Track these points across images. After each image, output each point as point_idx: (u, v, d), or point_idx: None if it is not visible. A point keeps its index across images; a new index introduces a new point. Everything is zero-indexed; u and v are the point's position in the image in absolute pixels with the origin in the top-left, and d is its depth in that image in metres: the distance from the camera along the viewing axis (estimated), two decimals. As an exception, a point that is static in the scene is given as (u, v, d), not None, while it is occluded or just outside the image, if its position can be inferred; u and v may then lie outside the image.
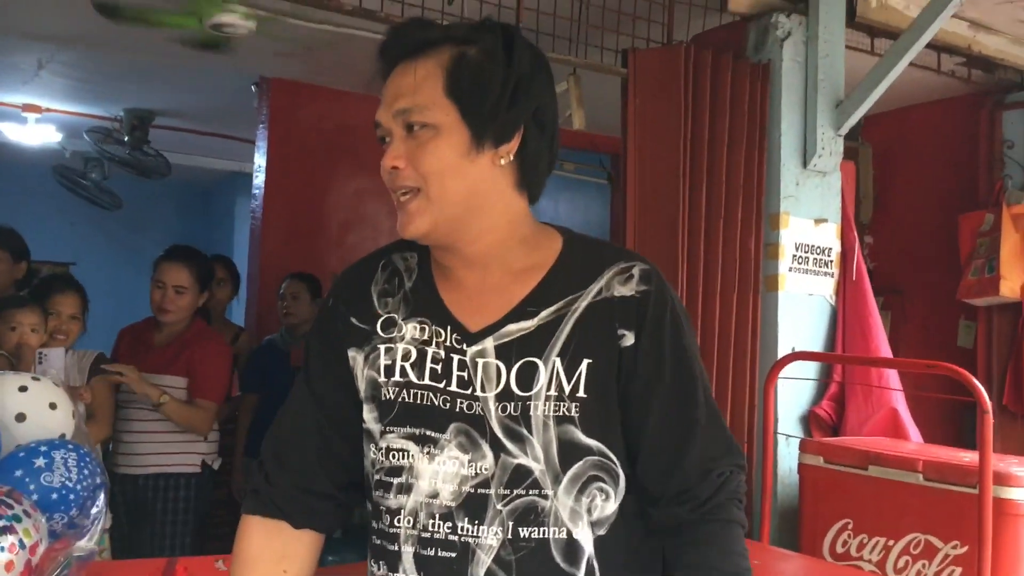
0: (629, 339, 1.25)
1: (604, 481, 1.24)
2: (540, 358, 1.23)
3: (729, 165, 3.56)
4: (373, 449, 1.28)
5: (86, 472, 2.04)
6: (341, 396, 1.32)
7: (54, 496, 1.98)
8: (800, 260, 3.69)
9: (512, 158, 1.26)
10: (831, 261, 3.78)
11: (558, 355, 1.23)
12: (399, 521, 1.23)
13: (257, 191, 5.39)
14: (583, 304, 1.26)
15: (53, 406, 2.12)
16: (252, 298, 5.32)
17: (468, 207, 1.24)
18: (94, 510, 2.05)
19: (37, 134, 6.53)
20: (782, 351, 3.58)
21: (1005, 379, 4.59)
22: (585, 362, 1.23)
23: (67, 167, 6.98)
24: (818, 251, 3.73)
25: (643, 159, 3.52)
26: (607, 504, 1.24)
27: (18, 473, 1.96)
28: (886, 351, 3.72)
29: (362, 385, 1.30)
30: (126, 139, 6.25)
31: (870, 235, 5.16)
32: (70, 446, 2.06)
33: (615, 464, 1.25)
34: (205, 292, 3.53)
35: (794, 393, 3.65)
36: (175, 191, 9.07)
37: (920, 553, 3.01)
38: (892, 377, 3.66)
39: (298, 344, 4.28)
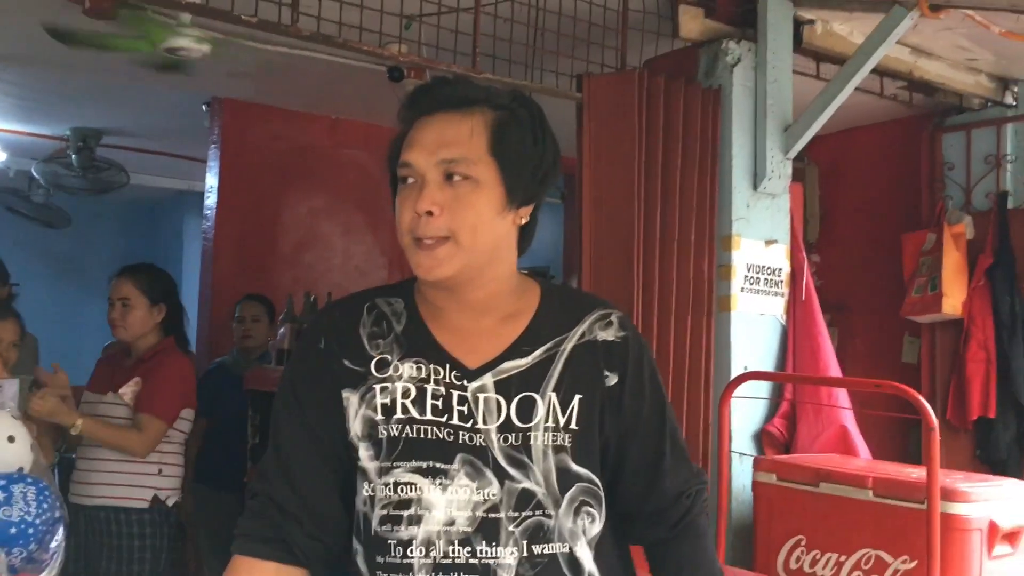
0: (612, 379, 1.39)
1: (591, 505, 1.36)
2: (537, 392, 1.35)
3: (682, 188, 3.62)
4: (368, 487, 1.32)
5: (45, 506, 2.02)
6: (335, 435, 1.36)
7: (12, 531, 1.97)
8: (752, 280, 3.76)
9: (524, 221, 1.37)
10: (781, 281, 3.86)
11: (553, 390, 1.35)
12: (411, 552, 1.29)
13: (209, 211, 5.35)
14: (570, 345, 1.39)
15: (11, 439, 2.09)
16: (204, 320, 5.26)
17: (489, 258, 1.34)
18: (53, 544, 2.03)
19: (-20, 153, 6.42)
20: (735, 370, 3.64)
21: (948, 394, 4.72)
22: (577, 397, 1.36)
23: (9, 189, 6.86)
24: (769, 271, 3.81)
25: (598, 181, 3.57)
26: (593, 526, 1.36)
27: (-25, 508, 1.94)
28: (835, 369, 3.80)
29: (356, 425, 1.34)
30: (73, 159, 6.15)
31: (816, 254, 5.27)
32: (29, 480, 2.04)
33: (599, 489, 1.37)
34: (160, 305, 3.33)
35: (747, 411, 3.71)
36: (121, 210, 8.94)
37: (871, 568, 3.07)
38: (841, 395, 3.75)
39: (251, 367, 4.24)
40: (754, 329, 3.77)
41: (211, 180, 5.34)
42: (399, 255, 6.06)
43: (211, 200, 5.33)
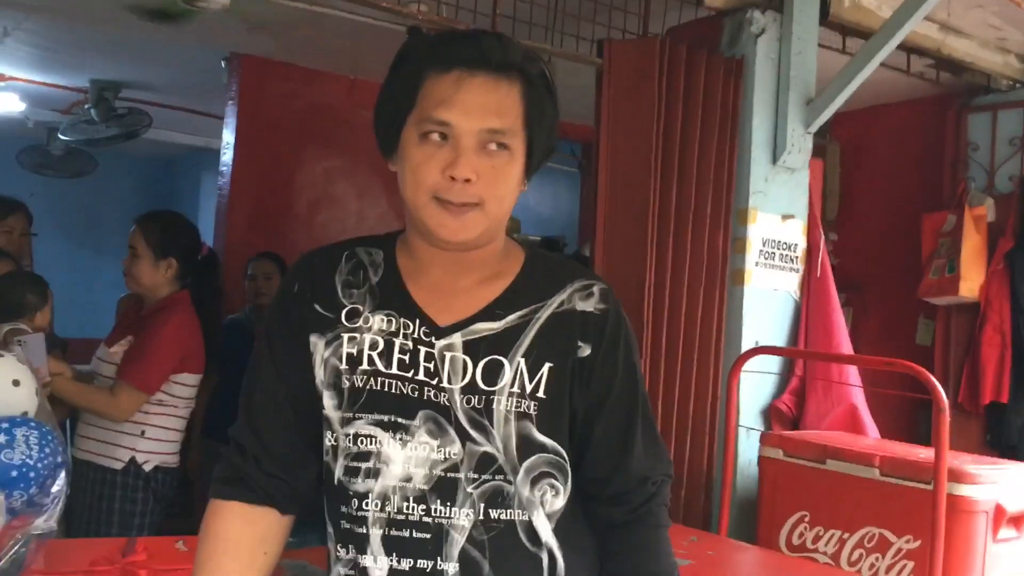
0: (585, 351, 1.34)
1: (555, 478, 1.33)
2: (506, 357, 1.31)
3: (700, 159, 3.58)
4: (331, 436, 1.32)
5: (47, 451, 2.02)
6: (305, 380, 1.35)
7: (13, 473, 1.96)
8: (767, 255, 3.72)
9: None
10: (797, 257, 3.82)
11: (523, 356, 1.31)
12: (367, 504, 1.28)
13: (225, 168, 5.34)
14: (546, 313, 1.35)
15: (16, 383, 2.09)
16: (217, 276, 5.25)
17: (502, 223, 1.35)
18: (54, 488, 2.03)
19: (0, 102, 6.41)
20: (746, 345, 3.62)
21: (961, 377, 4.68)
22: (547, 365, 1.32)
23: (31, 149, 6.87)
24: (784, 247, 3.77)
25: (615, 150, 3.53)
26: (556, 500, 1.33)
27: (-22, 450, 1.94)
28: (847, 347, 3.77)
29: (321, 372, 1.33)
30: (93, 111, 6.14)
31: (834, 232, 5.21)
32: (32, 423, 2.03)
33: (565, 462, 1.34)
34: (169, 259, 3.10)
35: (756, 386, 3.69)
36: (139, 165, 8.96)
37: (874, 546, 3.07)
38: (852, 373, 3.72)
39: (262, 324, 4.24)
40: (767, 304, 3.74)
41: (228, 136, 5.32)
42: (414, 219, 6.02)
43: (227, 157, 5.31)
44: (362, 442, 1.29)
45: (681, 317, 3.55)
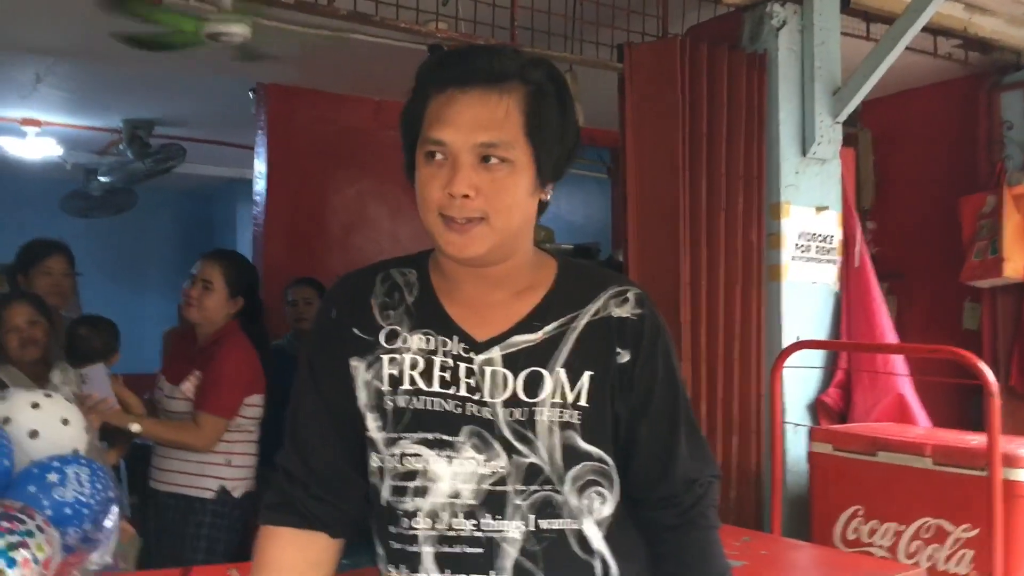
0: (625, 357, 1.35)
1: (602, 485, 1.33)
2: (545, 368, 1.32)
3: (728, 156, 3.56)
4: (377, 457, 1.33)
5: (99, 486, 2.05)
6: (347, 403, 1.36)
7: (67, 511, 2.00)
8: (802, 249, 3.69)
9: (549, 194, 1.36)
10: (833, 248, 3.78)
11: (562, 366, 1.32)
12: (417, 523, 1.29)
13: (258, 197, 5.41)
14: (583, 321, 1.35)
15: (65, 422, 2.13)
16: (257, 304, 5.31)
17: (517, 236, 1.33)
18: (107, 524, 2.06)
19: (37, 148, 6.55)
20: (787, 340, 3.58)
21: (1011, 360, 4.59)
22: (587, 374, 1.32)
23: (72, 196, 7.02)
24: (820, 239, 3.73)
25: (642, 153, 3.53)
26: (604, 507, 1.33)
27: (32, 489, 1.97)
28: (891, 336, 3.72)
29: (363, 394, 1.34)
30: (129, 152, 6.27)
31: (872, 220, 5.15)
32: (83, 461, 2.07)
33: (611, 468, 1.34)
34: (239, 299, 3.26)
35: (800, 382, 3.65)
36: (174, 200, 9.09)
37: (931, 537, 3.02)
38: (898, 362, 3.67)
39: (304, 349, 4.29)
40: (806, 298, 3.70)
41: (259, 166, 5.39)
42: (448, 235, 6.05)
43: (260, 186, 5.38)
44: (408, 461, 1.30)
45: (719, 316, 3.52)
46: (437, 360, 1.32)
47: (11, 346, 3.07)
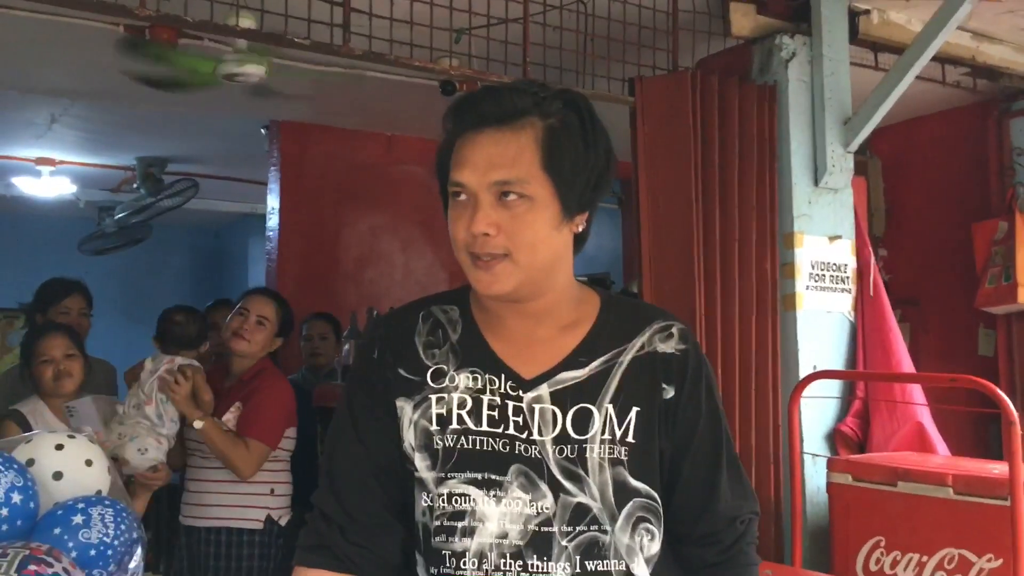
0: (669, 393, 1.36)
1: (650, 522, 1.34)
2: (594, 404, 1.33)
3: (741, 187, 3.58)
4: (427, 497, 1.33)
5: (123, 527, 2.06)
6: (388, 445, 1.37)
7: (92, 552, 2.00)
8: (817, 278, 3.69)
9: (583, 227, 1.36)
10: (848, 277, 3.78)
11: (610, 402, 1.33)
12: (464, 563, 1.29)
13: (272, 232, 5.44)
14: (628, 357, 1.37)
15: (89, 463, 2.13)
16: (271, 339, 5.33)
17: (546, 271, 1.33)
18: (132, 564, 2.06)
19: (52, 187, 6.61)
20: (803, 370, 3.58)
21: (1028, 386, 4.57)
22: (634, 410, 1.34)
23: (89, 238, 7.08)
24: (834, 268, 3.74)
25: (654, 185, 3.54)
26: (652, 544, 1.34)
27: (57, 531, 1.98)
28: (908, 365, 3.71)
29: (411, 434, 1.34)
30: (142, 190, 6.33)
31: (884, 248, 5.16)
32: (107, 502, 2.07)
33: (658, 505, 1.35)
34: (282, 339, 3.41)
35: (818, 412, 3.64)
36: (186, 236, 9.14)
37: (955, 568, 2.99)
38: (916, 391, 3.65)
39: (320, 383, 4.30)
40: (821, 327, 3.70)
41: (272, 202, 5.43)
42: (458, 268, 6.06)
43: (273, 221, 5.42)
44: (456, 501, 1.30)
45: (735, 347, 3.52)
46: (485, 399, 1.32)
47: (45, 377, 3.09)
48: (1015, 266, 4.45)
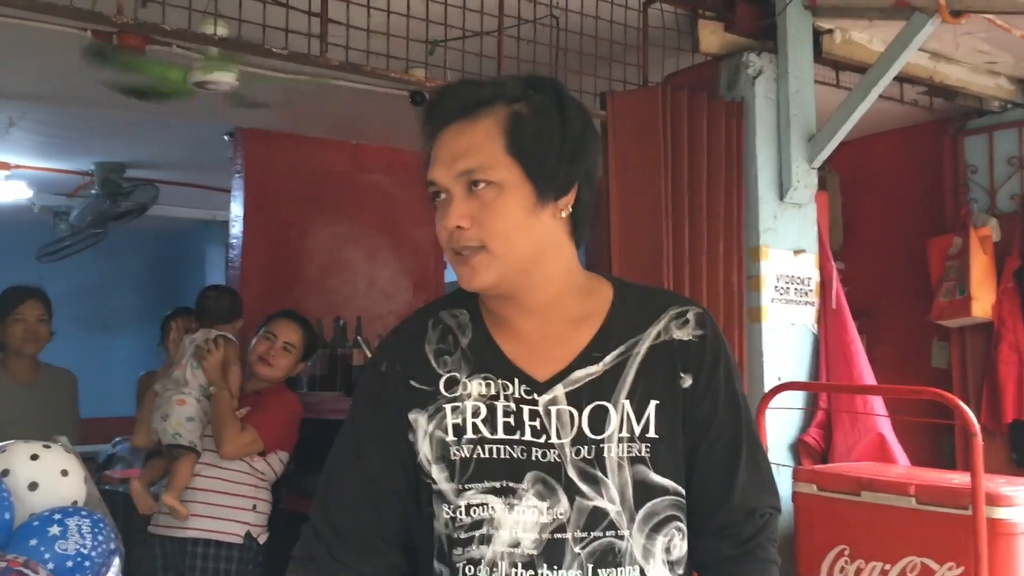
0: (687, 381, 1.32)
1: (681, 520, 1.30)
2: (610, 401, 1.29)
3: (709, 201, 3.64)
4: (448, 508, 1.29)
5: (100, 538, 2.04)
6: (393, 467, 1.34)
7: (69, 564, 1.98)
8: (781, 291, 3.76)
9: (570, 210, 1.31)
10: (811, 290, 3.86)
11: (626, 398, 1.29)
12: (480, 571, 1.26)
13: (235, 240, 5.39)
14: (644, 347, 1.32)
15: (65, 473, 2.11)
16: (233, 348, 5.28)
17: (533, 260, 1.29)
18: (110, 575, 2.04)
19: (7, 191, 6.48)
20: (768, 381, 3.64)
21: (981, 398, 4.69)
22: (652, 403, 1.29)
23: (47, 248, 6.97)
24: (798, 281, 3.81)
25: (625, 198, 3.59)
26: (684, 543, 1.30)
27: (33, 542, 1.95)
28: (869, 377, 3.79)
29: (427, 446, 1.31)
30: (101, 195, 6.23)
31: (840, 261, 5.25)
32: (84, 513, 2.05)
33: (685, 501, 1.31)
34: (305, 363, 3.49)
35: (783, 423, 3.71)
36: (144, 242, 9.00)
37: (917, 576, 3.06)
38: (877, 402, 3.74)
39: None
40: (786, 339, 3.77)
41: (236, 209, 5.38)
42: (423, 277, 6.10)
43: (236, 229, 5.37)
44: (475, 511, 1.27)
45: (703, 358, 3.56)
46: (500, 405, 1.29)
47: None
48: (969, 280, 4.56)
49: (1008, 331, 4.55)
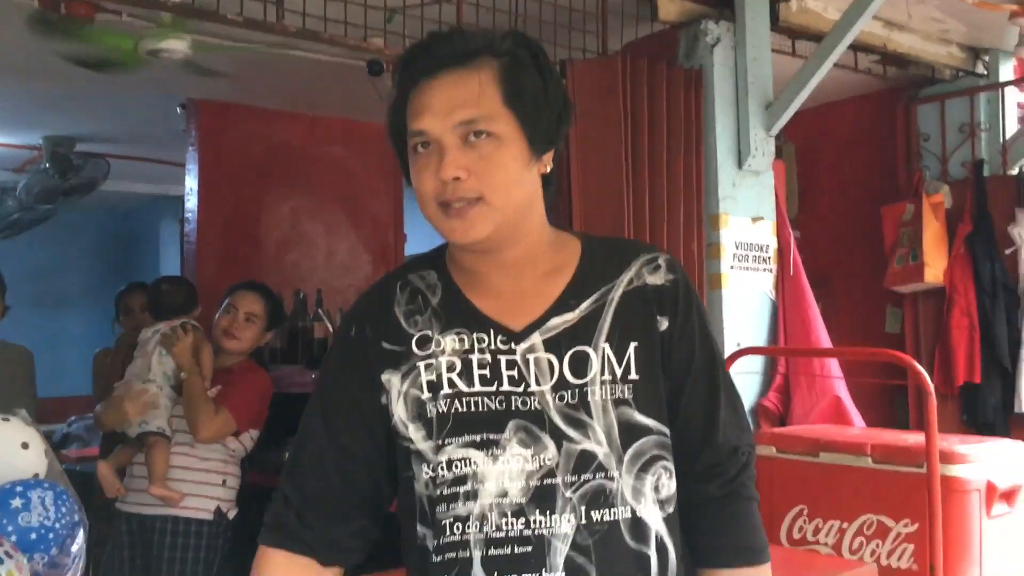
0: (664, 324, 1.33)
1: (667, 459, 1.30)
2: (589, 345, 1.29)
3: (669, 169, 3.66)
4: (427, 468, 1.28)
5: (63, 510, 2.02)
6: (358, 429, 1.33)
7: (33, 536, 1.96)
8: (740, 258, 3.80)
9: (551, 166, 1.33)
10: (769, 257, 3.91)
11: (606, 341, 1.29)
12: (468, 528, 1.24)
13: (190, 215, 5.31)
14: (618, 293, 1.33)
15: (25, 445, 2.08)
16: (191, 323, 5.22)
17: (522, 214, 1.29)
18: (74, 548, 2.02)
19: (-49, 166, 6.33)
20: (728, 347, 3.68)
21: (933, 361, 4.79)
22: (632, 345, 1.30)
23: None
24: (756, 248, 3.86)
25: (585, 166, 3.59)
26: (671, 482, 1.30)
27: (-5, 516, 1.93)
28: (826, 341, 3.86)
29: (402, 407, 1.30)
30: (49, 170, 6.10)
31: (796, 229, 5.31)
32: (46, 485, 2.03)
33: (670, 440, 1.31)
34: (271, 332, 3.44)
35: (743, 387, 3.74)
36: (95, 218, 8.85)
37: (873, 533, 3.13)
38: (833, 366, 3.80)
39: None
40: (745, 306, 3.82)
41: (191, 183, 5.29)
42: (382, 251, 6.07)
43: (191, 203, 5.28)
44: (456, 466, 1.25)
45: (663, 325, 3.59)
46: (474, 358, 1.28)
47: None
48: (921, 247, 4.65)
49: (960, 296, 4.65)
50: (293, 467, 1.37)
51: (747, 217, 3.83)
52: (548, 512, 1.23)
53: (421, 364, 1.30)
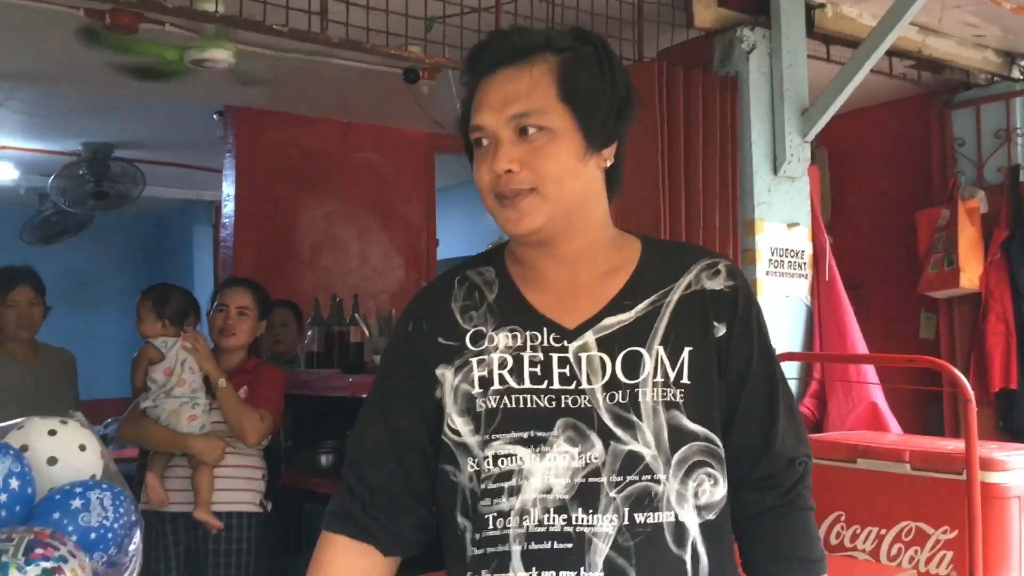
0: (721, 330, 1.32)
1: (712, 466, 1.29)
2: (643, 347, 1.29)
3: (704, 175, 3.67)
4: (472, 462, 1.29)
5: (121, 511, 2.05)
6: (416, 422, 1.36)
7: (92, 536, 1.99)
8: (776, 264, 3.81)
9: (612, 162, 1.35)
10: (804, 263, 3.91)
11: (660, 343, 1.29)
12: (508, 523, 1.25)
13: (227, 220, 5.39)
14: (675, 296, 1.33)
15: (83, 448, 2.12)
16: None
17: (578, 207, 1.31)
18: (131, 547, 2.06)
19: (-7, 172, 6.45)
20: (764, 353, 3.68)
21: (968, 367, 4.77)
22: (686, 350, 1.30)
23: (33, 225, 6.92)
24: (792, 254, 3.86)
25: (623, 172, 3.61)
26: (716, 489, 1.29)
27: (56, 515, 1.97)
28: (862, 347, 3.85)
29: (452, 400, 1.31)
30: (87, 176, 6.19)
31: (830, 234, 5.30)
32: (104, 486, 2.06)
33: (720, 449, 1.31)
34: (263, 321, 3.48)
35: (778, 393, 3.76)
36: (129, 222, 8.95)
37: (912, 540, 3.12)
38: (870, 372, 3.80)
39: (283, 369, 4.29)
40: (781, 312, 3.82)
41: (227, 188, 5.38)
42: (414, 256, 6.11)
43: (228, 208, 5.37)
44: (502, 462, 1.26)
45: (699, 331, 3.61)
46: (526, 355, 1.29)
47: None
48: (957, 252, 4.64)
49: (996, 302, 4.63)
50: (354, 458, 1.40)
51: (782, 223, 3.84)
52: (591, 511, 1.23)
53: (474, 360, 1.31)
